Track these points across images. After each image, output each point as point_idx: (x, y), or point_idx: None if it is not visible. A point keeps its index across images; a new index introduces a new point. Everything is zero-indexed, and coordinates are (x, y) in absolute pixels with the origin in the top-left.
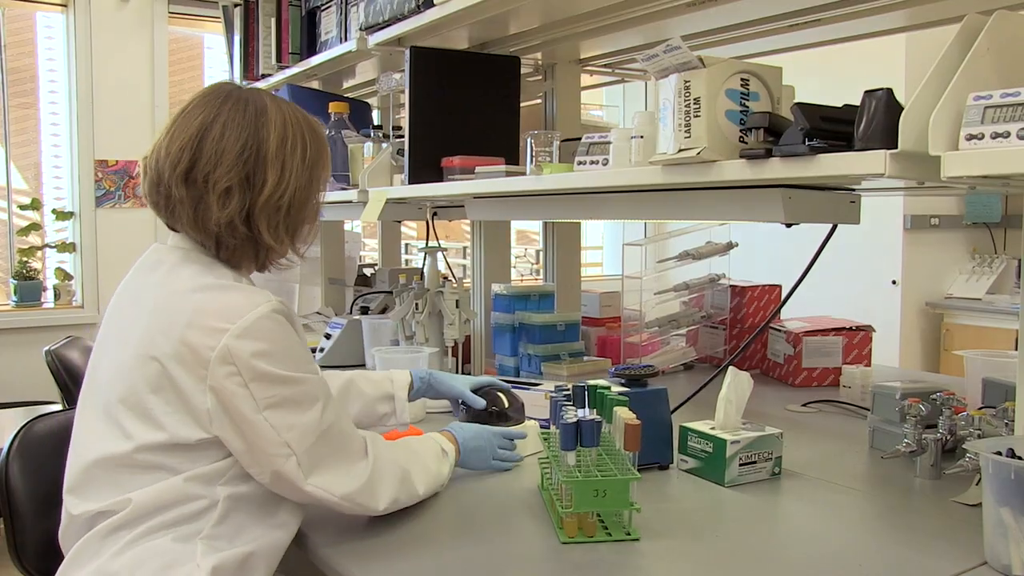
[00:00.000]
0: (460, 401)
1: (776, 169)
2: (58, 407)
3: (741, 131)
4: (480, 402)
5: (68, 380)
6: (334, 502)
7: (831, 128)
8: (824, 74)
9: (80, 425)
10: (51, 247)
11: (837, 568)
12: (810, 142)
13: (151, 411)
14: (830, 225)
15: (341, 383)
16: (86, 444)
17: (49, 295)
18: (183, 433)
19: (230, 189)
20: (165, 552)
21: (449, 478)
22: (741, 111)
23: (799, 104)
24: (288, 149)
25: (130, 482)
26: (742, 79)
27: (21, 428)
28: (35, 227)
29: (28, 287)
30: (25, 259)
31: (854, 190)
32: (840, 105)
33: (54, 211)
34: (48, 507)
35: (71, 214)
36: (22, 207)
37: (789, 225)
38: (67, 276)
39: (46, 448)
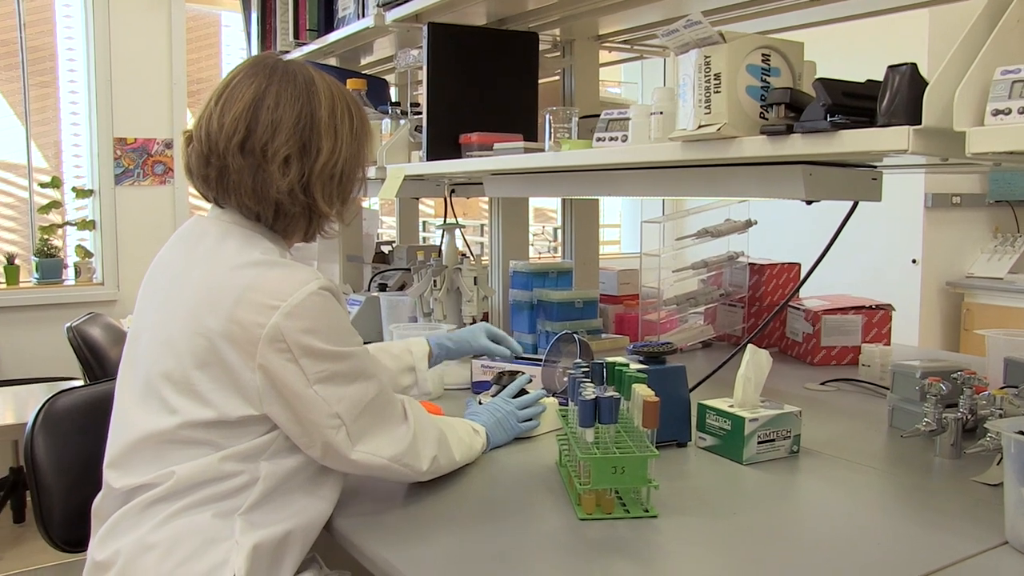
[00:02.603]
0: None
1: (797, 145)
2: (80, 383)
3: (762, 107)
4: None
5: (89, 356)
6: (382, 465)
7: (853, 104)
8: (846, 50)
9: (121, 400)
10: (71, 225)
11: (856, 547)
12: (832, 118)
13: (196, 387)
14: (850, 203)
15: None
16: (129, 421)
17: (70, 272)
18: (228, 410)
19: (289, 158)
20: (205, 528)
21: (480, 454)
22: (762, 87)
23: (821, 79)
24: (338, 119)
25: (173, 456)
26: (763, 54)
27: (44, 403)
28: (55, 205)
29: (49, 264)
30: (46, 237)
31: (876, 167)
32: (862, 81)
33: (74, 189)
34: (72, 480)
35: (91, 192)
36: (42, 185)
37: (810, 202)
38: (87, 253)
39: (69, 423)
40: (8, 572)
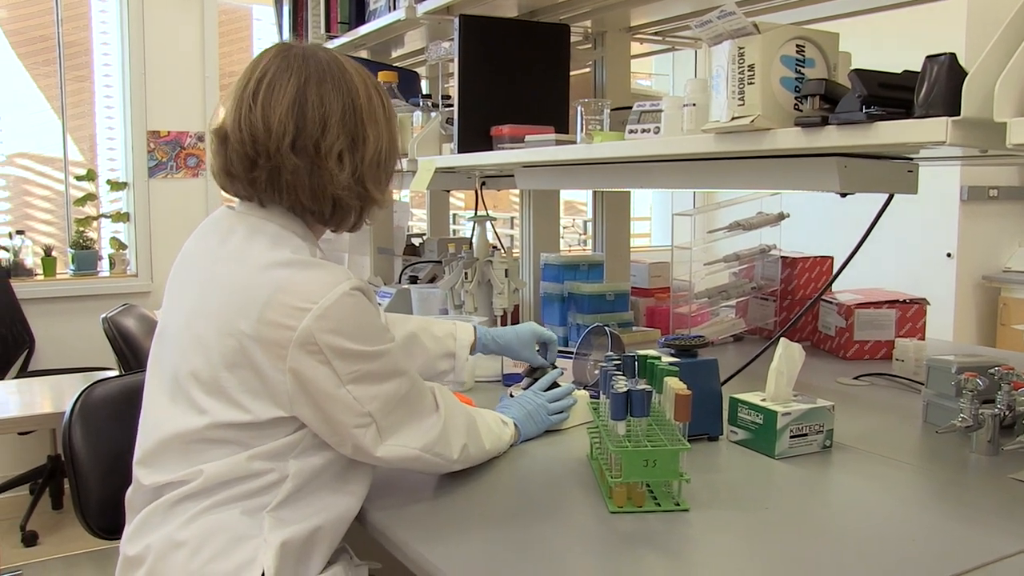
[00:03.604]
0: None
1: (832, 137)
2: (114, 373)
3: (796, 98)
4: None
5: (124, 346)
6: (414, 456)
7: (890, 95)
8: (881, 40)
9: (150, 397)
10: (106, 217)
11: (890, 543)
12: (868, 109)
13: (225, 388)
14: (885, 196)
15: (405, 335)
16: (158, 419)
17: (104, 264)
18: (258, 412)
19: (342, 153)
20: (233, 525)
21: (509, 445)
22: (796, 78)
23: (857, 70)
24: (375, 104)
25: (201, 455)
26: (797, 45)
27: (81, 393)
28: (91, 197)
29: (84, 256)
30: (82, 229)
31: (912, 159)
32: (899, 71)
33: (108, 182)
34: (109, 468)
35: (125, 184)
36: (78, 178)
37: (844, 195)
38: (121, 245)
39: (105, 412)
40: (47, 557)
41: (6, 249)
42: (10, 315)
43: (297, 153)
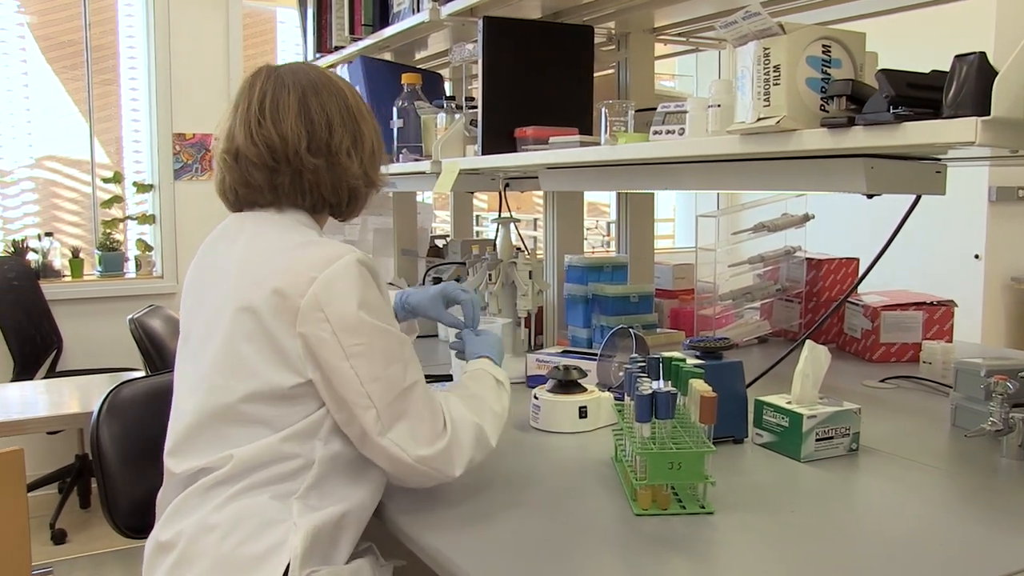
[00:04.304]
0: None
1: (859, 138)
2: (141, 373)
3: (822, 99)
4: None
5: (150, 347)
6: (407, 463)
7: (918, 95)
8: (909, 40)
9: (178, 396)
10: (132, 219)
11: (918, 548)
12: (895, 110)
13: (246, 361)
14: (912, 197)
15: None
16: (185, 409)
17: (131, 265)
18: (277, 380)
19: (349, 148)
20: (263, 510)
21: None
22: (822, 79)
23: (884, 70)
24: (360, 105)
25: (231, 438)
26: (823, 46)
27: (108, 393)
28: (117, 200)
29: (111, 258)
30: (108, 231)
31: (940, 159)
32: (927, 71)
33: (135, 184)
34: (136, 468)
35: (151, 186)
36: (105, 180)
37: (870, 196)
38: (147, 247)
39: (132, 412)
40: (75, 555)
41: (35, 251)
42: (39, 316)
43: (313, 154)
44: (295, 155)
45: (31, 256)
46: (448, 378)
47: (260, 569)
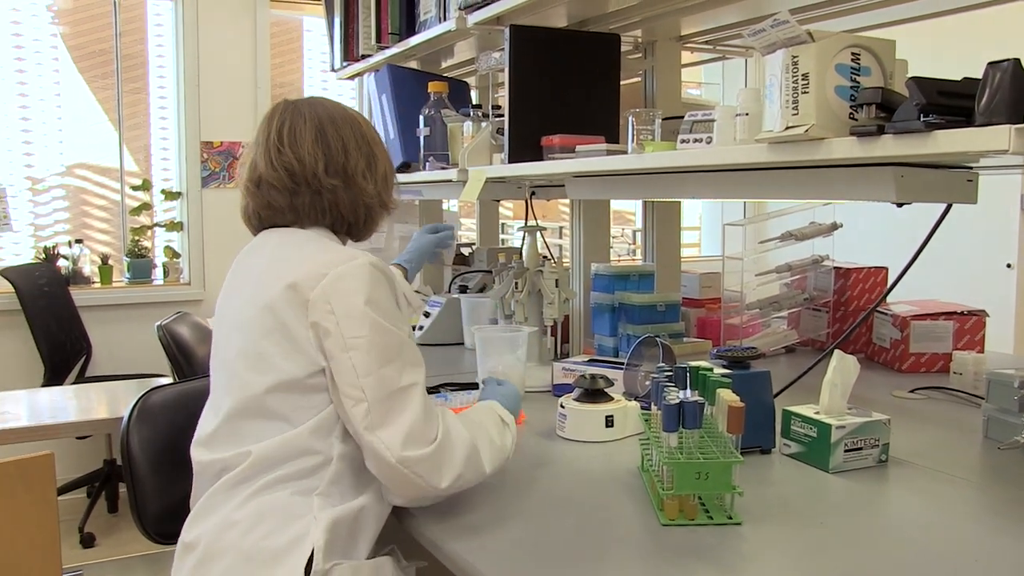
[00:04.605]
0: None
1: (888, 147)
2: (168, 379)
3: (851, 107)
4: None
5: (178, 353)
6: (390, 463)
7: (949, 103)
8: (940, 47)
9: (211, 391)
10: (160, 226)
11: (951, 562)
12: (926, 118)
13: (265, 354)
14: (942, 205)
15: None
16: (214, 404)
17: (158, 272)
18: (294, 370)
19: (364, 171)
20: (285, 506)
21: (512, 450)
22: (851, 87)
23: (914, 78)
24: (373, 131)
25: (251, 434)
26: (853, 53)
27: (138, 400)
28: (145, 207)
29: (139, 264)
30: (137, 238)
31: (971, 168)
32: (958, 79)
33: (163, 191)
34: (165, 474)
35: (178, 194)
36: (134, 188)
37: (900, 204)
38: (175, 254)
39: (162, 418)
40: (103, 559)
41: (66, 258)
42: (69, 322)
43: (331, 176)
44: (313, 177)
45: (61, 263)
46: (474, 387)
47: (283, 562)
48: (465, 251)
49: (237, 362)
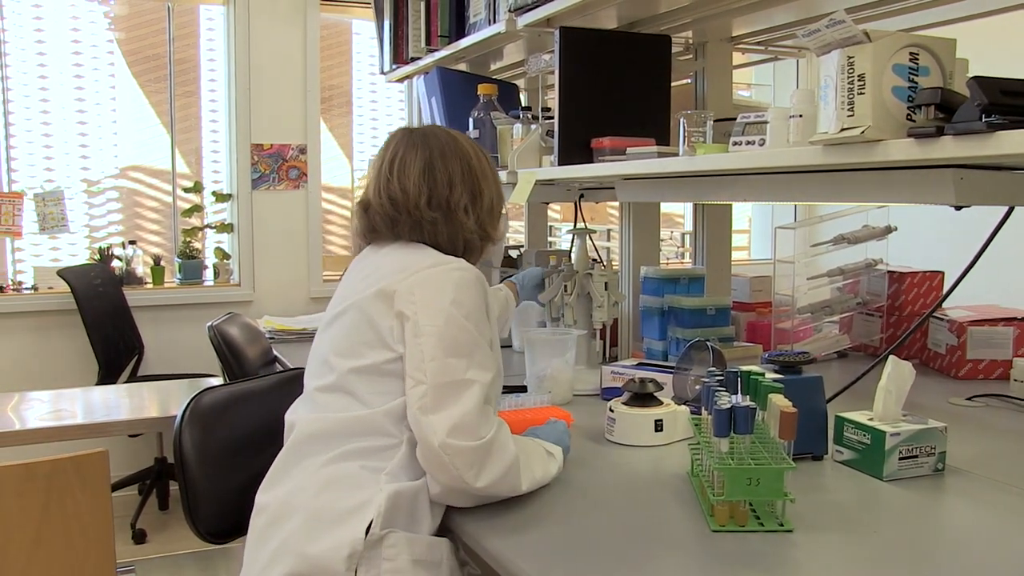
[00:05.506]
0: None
1: (948, 148)
2: (217, 379)
3: (909, 108)
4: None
5: (228, 354)
6: (432, 446)
7: (1012, 103)
8: (1002, 45)
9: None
10: (211, 228)
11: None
12: (988, 118)
13: (352, 343)
14: (1003, 208)
15: None
16: (304, 395)
17: (209, 273)
18: (375, 357)
19: (467, 206)
20: (354, 476)
21: (554, 477)
22: (909, 87)
23: (976, 78)
24: (484, 166)
25: (330, 405)
26: (911, 53)
27: (191, 401)
28: (197, 209)
29: (191, 266)
30: (188, 239)
31: None
32: (1022, 77)
33: (213, 193)
34: (216, 475)
35: (229, 196)
36: (185, 190)
37: (959, 208)
38: (225, 255)
39: (214, 419)
40: (153, 555)
41: (119, 258)
42: (122, 322)
43: (432, 208)
44: (415, 208)
45: (115, 263)
46: (522, 389)
47: (347, 523)
48: (513, 253)
49: (328, 352)
